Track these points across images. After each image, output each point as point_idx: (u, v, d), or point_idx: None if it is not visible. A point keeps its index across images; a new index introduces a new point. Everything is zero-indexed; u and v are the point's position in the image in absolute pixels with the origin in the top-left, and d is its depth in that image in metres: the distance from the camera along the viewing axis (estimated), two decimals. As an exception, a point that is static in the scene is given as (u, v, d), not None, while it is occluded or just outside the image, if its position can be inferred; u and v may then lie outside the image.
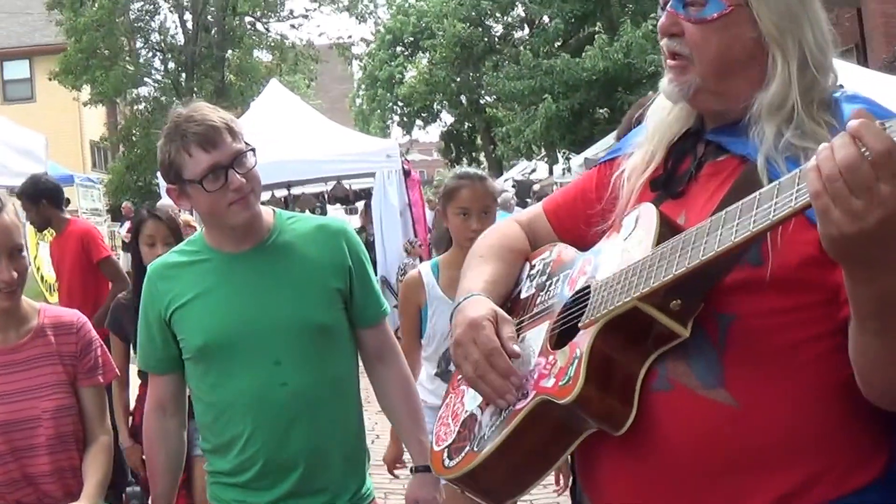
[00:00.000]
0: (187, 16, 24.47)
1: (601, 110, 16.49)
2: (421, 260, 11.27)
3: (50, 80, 22.64)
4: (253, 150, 1.95)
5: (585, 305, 1.25)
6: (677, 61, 1.30)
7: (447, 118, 28.61)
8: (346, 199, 14.58)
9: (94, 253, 4.82)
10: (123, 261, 17.34)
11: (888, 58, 11.38)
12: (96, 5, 22.42)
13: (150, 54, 25.49)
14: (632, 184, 1.39)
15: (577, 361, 1.17)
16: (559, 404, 1.17)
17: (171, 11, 25.12)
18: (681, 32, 1.28)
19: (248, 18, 25.96)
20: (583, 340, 1.19)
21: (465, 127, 28.28)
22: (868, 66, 11.13)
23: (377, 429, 2.09)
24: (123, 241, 16.99)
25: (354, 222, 13.99)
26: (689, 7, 1.27)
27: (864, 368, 1.09)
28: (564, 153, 17.35)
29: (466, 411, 1.38)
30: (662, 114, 1.41)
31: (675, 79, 1.30)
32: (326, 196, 14.45)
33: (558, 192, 1.64)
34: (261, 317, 1.96)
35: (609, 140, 16.96)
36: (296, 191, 13.66)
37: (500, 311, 1.36)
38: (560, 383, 1.18)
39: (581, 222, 1.49)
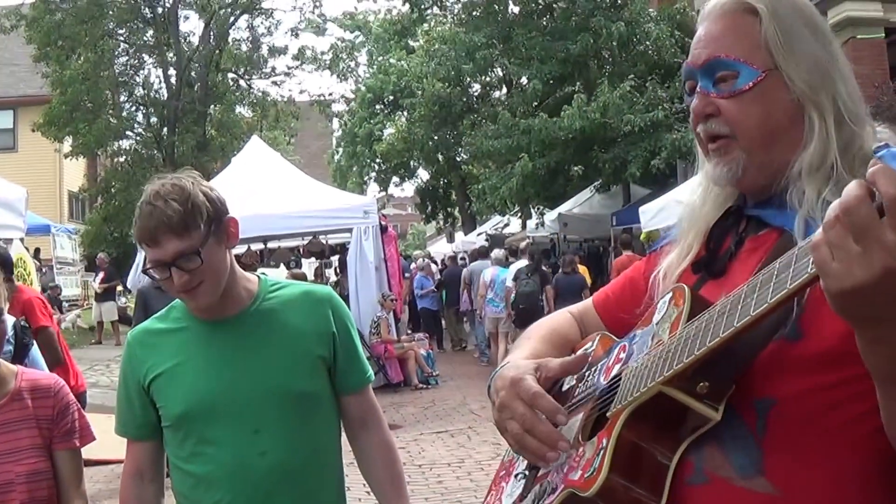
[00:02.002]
0: (171, 71, 24.80)
1: (576, 168, 16.81)
2: (394, 314, 11.40)
3: (33, 131, 22.77)
4: (202, 246, 1.85)
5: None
6: (719, 142, 1.24)
7: (423, 174, 28.96)
8: (322, 253, 14.69)
9: (33, 322, 4.93)
10: (95, 311, 16.98)
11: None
12: (82, 59, 22.73)
13: (134, 108, 25.73)
14: (668, 280, 1.33)
15: (602, 452, 1.12)
16: (584, 497, 1.12)
17: (155, 67, 25.48)
18: (716, 112, 1.23)
19: (231, 75, 26.40)
20: (610, 430, 1.15)
21: (441, 183, 28.57)
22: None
23: (346, 480, 2.14)
24: (96, 292, 16.92)
25: (311, 273, 13.97)
26: (719, 84, 1.23)
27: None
28: (538, 209, 17.53)
29: None
30: (695, 206, 1.36)
31: (721, 161, 1.24)
32: (302, 250, 14.57)
33: (608, 285, 1.59)
34: (240, 385, 1.93)
35: (584, 195, 17.24)
36: (272, 244, 13.78)
37: (543, 362, 1.31)
38: (585, 475, 1.13)
39: (630, 312, 1.40)
